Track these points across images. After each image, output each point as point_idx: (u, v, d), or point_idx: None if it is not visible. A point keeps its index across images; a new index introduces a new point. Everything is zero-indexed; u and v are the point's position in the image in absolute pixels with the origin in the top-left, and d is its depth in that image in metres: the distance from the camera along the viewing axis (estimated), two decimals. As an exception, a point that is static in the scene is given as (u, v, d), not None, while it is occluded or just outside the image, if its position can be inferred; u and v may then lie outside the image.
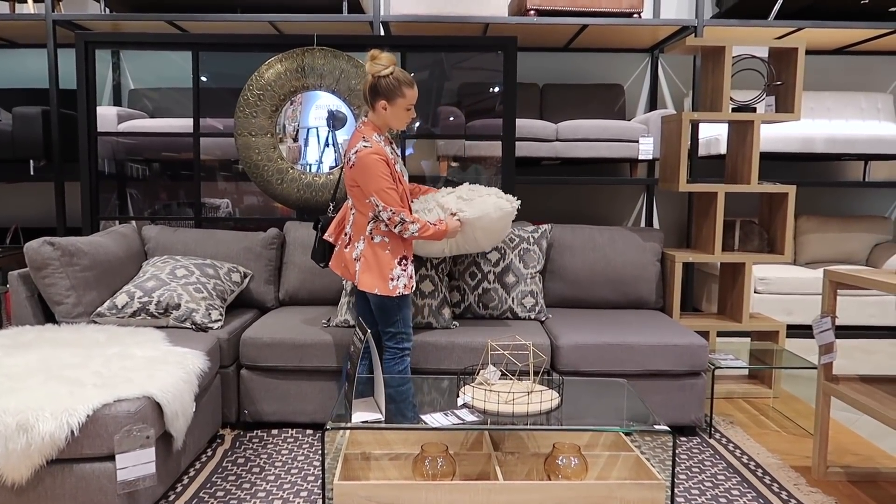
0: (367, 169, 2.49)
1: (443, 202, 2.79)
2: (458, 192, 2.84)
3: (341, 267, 2.71)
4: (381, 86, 2.52)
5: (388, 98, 2.54)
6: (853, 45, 5.01)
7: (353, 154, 2.52)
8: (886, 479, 2.55)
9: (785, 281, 4.55)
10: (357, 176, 2.52)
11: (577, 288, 3.48)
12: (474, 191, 2.85)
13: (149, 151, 4.85)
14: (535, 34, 4.69)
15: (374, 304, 2.62)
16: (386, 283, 2.54)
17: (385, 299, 2.57)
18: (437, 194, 2.84)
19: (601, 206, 5.38)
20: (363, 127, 2.59)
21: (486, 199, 2.81)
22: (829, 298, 2.51)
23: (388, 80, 2.52)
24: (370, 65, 2.52)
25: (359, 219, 2.61)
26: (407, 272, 2.59)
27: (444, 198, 2.81)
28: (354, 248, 2.61)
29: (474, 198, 2.81)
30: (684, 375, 2.93)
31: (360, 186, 2.53)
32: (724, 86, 3.42)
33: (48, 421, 1.91)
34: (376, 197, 2.50)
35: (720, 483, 2.51)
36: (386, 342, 2.69)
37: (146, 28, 4.63)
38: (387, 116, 2.57)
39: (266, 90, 3.50)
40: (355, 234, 2.62)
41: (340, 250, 2.72)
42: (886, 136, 4.65)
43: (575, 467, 2.16)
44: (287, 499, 2.35)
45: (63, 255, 2.81)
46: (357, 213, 2.62)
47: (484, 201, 2.80)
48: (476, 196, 2.82)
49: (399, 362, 2.68)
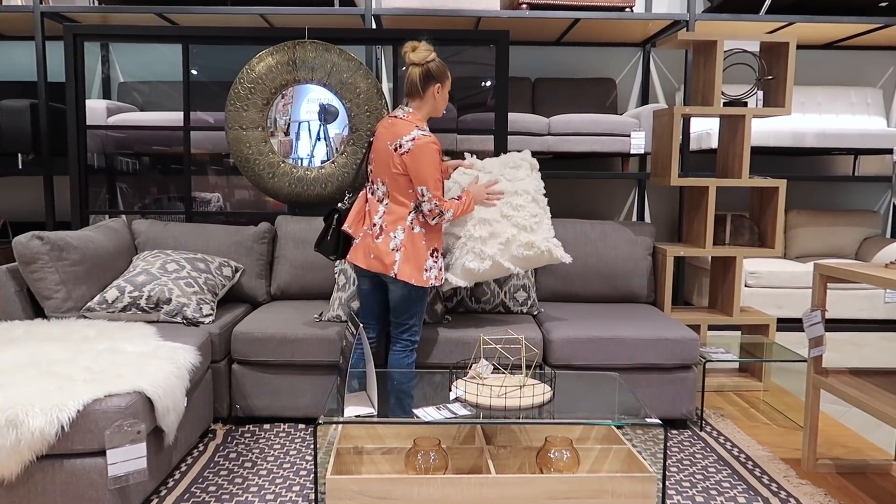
0: (425, 157, 2.50)
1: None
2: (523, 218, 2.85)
3: (368, 259, 2.60)
4: (433, 70, 2.58)
5: (440, 80, 2.60)
6: (843, 40, 5.03)
7: (407, 141, 2.51)
8: (875, 471, 2.58)
9: (775, 275, 4.58)
10: (412, 163, 2.51)
11: (569, 282, 3.48)
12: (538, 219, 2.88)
13: (138, 145, 4.81)
14: (527, 28, 4.68)
15: (400, 296, 2.60)
16: (421, 274, 2.56)
17: (413, 290, 2.59)
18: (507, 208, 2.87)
19: (593, 201, 5.38)
20: (410, 116, 2.58)
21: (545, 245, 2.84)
22: (819, 292, 2.53)
23: (437, 63, 2.59)
24: (416, 54, 2.55)
25: (396, 208, 2.58)
26: (437, 264, 2.62)
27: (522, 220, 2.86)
28: (391, 238, 2.56)
29: (536, 229, 2.85)
30: (675, 369, 2.94)
31: (409, 174, 2.53)
32: (716, 80, 3.43)
33: (38, 416, 1.89)
34: (426, 187, 2.51)
35: (711, 475, 2.52)
36: (399, 335, 2.69)
37: (135, 21, 4.59)
38: (438, 101, 2.63)
39: (257, 83, 3.47)
40: (390, 224, 2.58)
41: (366, 241, 2.63)
42: (876, 131, 4.68)
43: (567, 461, 2.16)
44: (279, 493, 2.35)
45: (52, 250, 2.79)
46: (393, 202, 2.58)
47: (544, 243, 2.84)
48: (539, 228, 2.86)
49: (409, 355, 2.69)
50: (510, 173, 2.93)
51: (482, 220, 2.82)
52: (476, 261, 2.78)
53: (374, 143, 2.66)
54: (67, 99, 3.61)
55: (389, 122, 2.62)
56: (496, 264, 2.79)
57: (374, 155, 2.65)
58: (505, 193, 2.86)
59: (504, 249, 2.80)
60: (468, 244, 2.81)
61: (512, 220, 2.83)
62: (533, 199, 2.89)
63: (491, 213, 2.83)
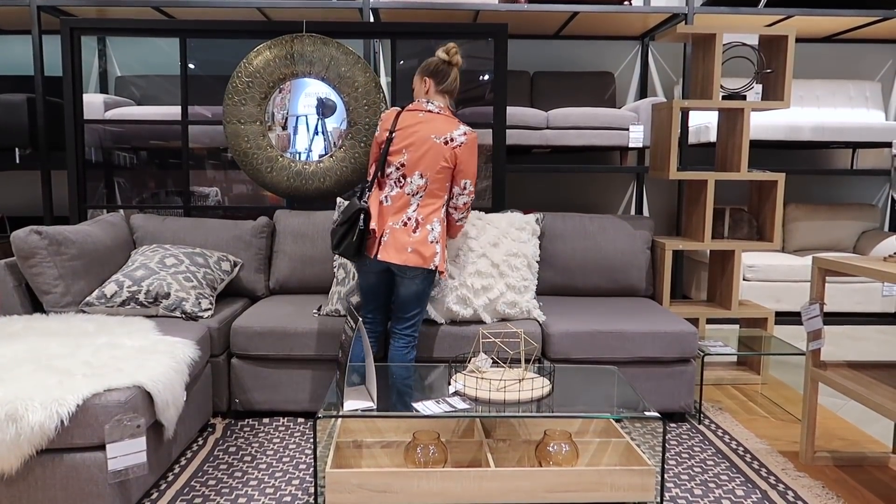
0: (474, 153, 2.62)
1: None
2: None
3: (403, 254, 2.55)
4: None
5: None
6: (842, 33, 5.02)
7: (459, 135, 2.58)
8: (872, 464, 2.59)
9: (773, 268, 4.59)
10: (465, 156, 2.59)
11: (568, 276, 3.48)
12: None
13: (136, 139, 4.80)
14: (525, 21, 4.67)
15: (415, 290, 2.63)
16: (444, 265, 2.65)
17: (429, 284, 2.65)
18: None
19: (591, 194, 5.38)
20: (447, 113, 2.64)
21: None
22: (817, 285, 2.53)
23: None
24: (459, 57, 2.66)
25: (432, 201, 2.61)
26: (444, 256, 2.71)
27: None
28: (428, 231, 2.58)
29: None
30: (674, 362, 2.95)
31: (457, 167, 2.60)
32: (715, 73, 3.42)
33: (38, 411, 1.89)
34: (470, 181, 2.62)
35: (709, 468, 2.53)
36: (403, 330, 2.70)
37: (132, 14, 4.57)
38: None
39: (255, 77, 3.46)
40: (426, 218, 2.59)
41: (398, 237, 2.56)
42: (874, 125, 4.68)
43: (566, 454, 2.17)
44: (279, 487, 2.36)
45: (51, 245, 2.78)
46: (428, 196, 2.60)
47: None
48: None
49: (411, 351, 2.71)
50: (515, 234, 3.10)
51: (479, 272, 2.94)
52: (460, 305, 2.91)
53: (410, 137, 2.58)
54: (64, 93, 3.60)
55: (422, 116, 2.61)
56: (476, 314, 2.94)
57: (413, 148, 2.58)
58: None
59: (489, 304, 2.95)
60: (459, 290, 2.91)
61: (506, 279, 2.98)
62: (528, 263, 3.08)
63: (489, 268, 2.96)
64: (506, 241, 3.05)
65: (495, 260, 2.97)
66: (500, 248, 3.02)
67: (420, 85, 2.68)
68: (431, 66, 2.65)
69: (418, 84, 2.69)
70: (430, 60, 2.67)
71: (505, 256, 3.00)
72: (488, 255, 2.98)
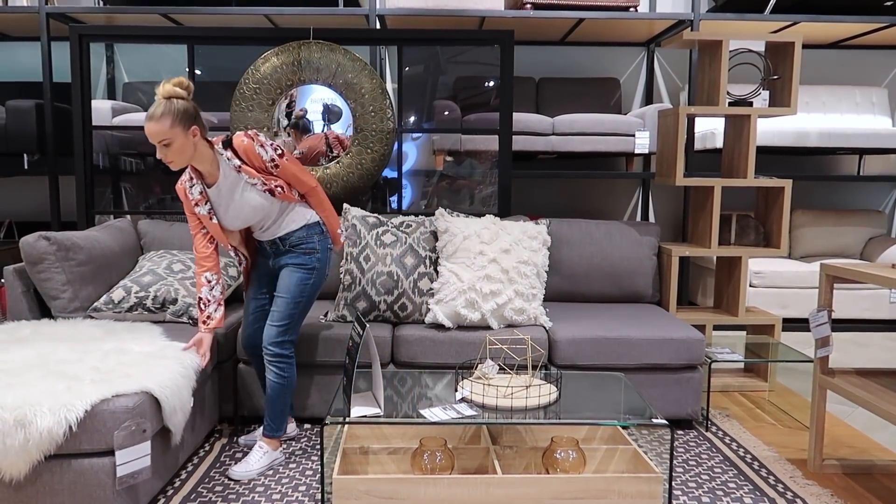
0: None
1: None
2: None
3: None
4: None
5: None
6: (848, 40, 5.02)
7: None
8: (881, 472, 2.57)
9: (780, 275, 4.57)
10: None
11: (575, 282, 3.48)
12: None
13: (143, 145, 4.82)
14: (531, 28, 4.69)
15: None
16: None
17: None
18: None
19: (597, 200, 5.38)
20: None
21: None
22: (825, 292, 2.52)
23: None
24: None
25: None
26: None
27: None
28: None
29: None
30: (681, 369, 2.94)
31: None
32: (721, 80, 3.42)
33: (46, 416, 1.90)
34: None
35: (717, 476, 2.52)
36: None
37: (140, 21, 4.60)
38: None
39: (262, 84, 3.48)
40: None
41: None
42: (881, 131, 4.67)
43: (573, 461, 2.17)
44: (285, 493, 2.35)
45: (59, 250, 2.80)
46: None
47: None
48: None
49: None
50: (527, 242, 3.10)
51: (489, 277, 2.95)
52: (468, 309, 2.91)
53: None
54: (73, 99, 3.62)
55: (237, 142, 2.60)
56: (483, 319, 2.94)
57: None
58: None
59: (497, 310, 2.95)
60: (468, 293, 2.91)
61: (515, 285, 2.98)
62: (538, 272, 3.10)
63: (499, 273, 2.96)
64: (518, 248, 3.05)
65: (505, 266, 2.98)
66: (512, 255, 3.02)
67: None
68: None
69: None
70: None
71: (516, 263, 3.01)
72: (499, 261, 2.98)
